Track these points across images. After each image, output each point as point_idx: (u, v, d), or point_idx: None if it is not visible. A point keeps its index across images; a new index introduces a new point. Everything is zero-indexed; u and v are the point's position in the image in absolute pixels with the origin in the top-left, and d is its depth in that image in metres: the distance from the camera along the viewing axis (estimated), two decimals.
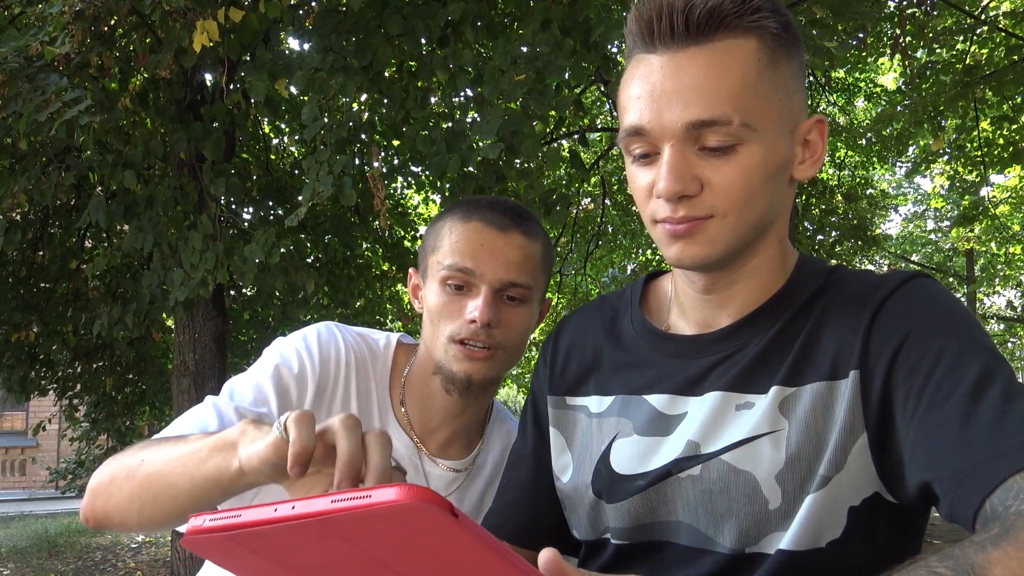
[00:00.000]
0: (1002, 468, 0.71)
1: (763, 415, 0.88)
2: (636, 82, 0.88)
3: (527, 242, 1.21)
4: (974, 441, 0.74)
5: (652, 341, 1.02)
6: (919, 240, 17.89)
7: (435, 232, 1.25)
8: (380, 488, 0.46)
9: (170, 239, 4.76)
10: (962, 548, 0.64)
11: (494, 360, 1.20)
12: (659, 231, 0.90)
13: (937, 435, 0.77)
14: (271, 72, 4.07)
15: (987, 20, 7.21)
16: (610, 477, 0.97)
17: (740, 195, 0.86)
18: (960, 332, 0.83)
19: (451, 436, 1.30)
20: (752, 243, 0.91)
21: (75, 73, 3.97)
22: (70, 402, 7.44)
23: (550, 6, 3.74)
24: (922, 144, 10.20)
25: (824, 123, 0.94)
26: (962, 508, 0.74)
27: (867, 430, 0.84)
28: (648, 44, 0.87)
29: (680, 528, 0.91)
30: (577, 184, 7.03)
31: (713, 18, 0.85)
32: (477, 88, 4.11)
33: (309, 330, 1.27)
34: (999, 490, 0.71)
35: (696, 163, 0.86)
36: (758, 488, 0.86)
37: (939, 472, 0.76)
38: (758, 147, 0.86)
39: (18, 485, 15.44)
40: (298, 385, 1.20)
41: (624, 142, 0.90)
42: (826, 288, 0.94)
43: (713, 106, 0.84)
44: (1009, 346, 18.20)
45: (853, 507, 0.85)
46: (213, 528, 0.50)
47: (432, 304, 1.21)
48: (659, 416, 0.96)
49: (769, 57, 0.87)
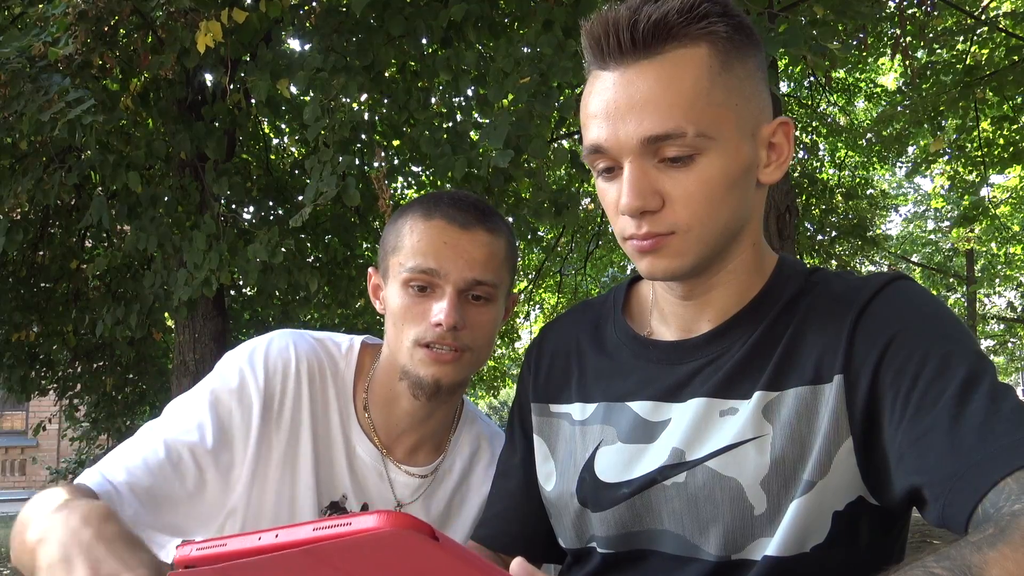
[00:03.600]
0: (994, 471, 0.71)
1: (747, 420, 0.88)
2: (593, 98, 0.88)
3: (491, 238, 1.16)
4: (963, 444, 0.75)
5: (634, 347, 1.01)
6: (919, 240, 17.88)
7: (395, 231, 1.19)
8: (361, 515, 0.47)
9: (174, 240, 4.77)
10: (958, 548, 0.65)
11: (461, 363, 1.15)
12: (629, 247, 0.90)
13: (926, 439, 0.77)
14: (273, 72, 4.07)
15: (987, 20, 7.22)
16: (595, 485, 0.96)
17: (701, 208, 0.86)
18: (945, 334, 0.84)
19: (418, 441, 1.26)
20: (724, 249, 0.91)
21: (77, 73, 3.97)
22: (70, 402, 7.45)
23: (552, 7, 3.74)
24: (922, 144, 10.21)
25: (789, 125, 0.93)
26: (954, 512, 0.74)
27: (852, 434, 0.84)
28: (600, 61, 0.88)
29: (665, 536, 0.91)
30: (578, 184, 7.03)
31: (660, 30, 0.84)
32: (479, 89, 4.12)
33: (259, 342, 1.22)
34: (991, 493, 0.71)
35: (657, 177, 0.86)
36: (743, 494, 0.86)
37: (929, 476, 0.76)
38: (717, 156, 0.85)
39: (18, 485, 15.44)
40: (241, 405, 1.16)
41: (588, 159, 0.91)
42: (807, 290, 0.94)
43: (666, 120, 0.83)
44: (1009, 346, 18.21)
45: (837, 511, 0.85)
46: (200, 558, 0.50)
47: (395, 307, 1.16)
48: (643, 423, 0.96)
49: (721, 62, 0.86)
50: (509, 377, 13.61)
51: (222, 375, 1.18)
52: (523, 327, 12.67)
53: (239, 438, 1.16)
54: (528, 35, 3.95)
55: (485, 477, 1.26)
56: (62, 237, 6.35)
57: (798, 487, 0.84)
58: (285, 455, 1.18)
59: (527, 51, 3.88)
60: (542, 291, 11.37)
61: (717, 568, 0.88)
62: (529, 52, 3.85)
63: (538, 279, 10.41)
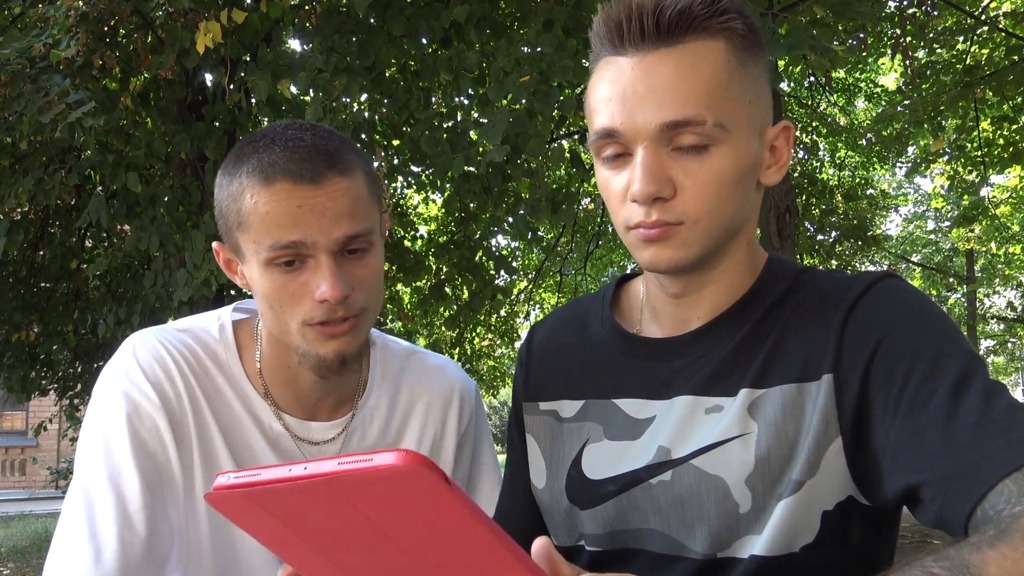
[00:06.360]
0: (992, 472, 0.71)
1: (732, 418, 0.88)
2: (605, 84, 0.88)
3: (349, 182, 0.99)
4: (958, 444, 0.74)
5: (621, 344, 1.01)
6: (919, 240, 17.89)
7: (233, 202, 1.01)
8: (382, 452, 0.51)
9: (175, 240, 4.77)
10: (957, 549, 0.65)
11: (360, 327, 1.03)
12: (632, 236, 0.89)
13: (920, 438, 0.77)
14: (274, 72, 4.07)
15: (987, 20, 7.22)
16: (582, 483, 0.96)
17: (711, 199, 0.86)
18: (935, 333, 0.83)
19: (335, 403, 1.15)
20: (723, 246, 0.91)
21: (77, 73, 3.98)
22: (70, 402, 7.45)
23: (552, 7, 3.75)
24: (922, 144, 10.21)
25: (791, 130, 0.94)
26: (952, 514, 0.73)
27: (842, 434, 0.83)
28: (617, 46, 0.87)
29: (652, 535, 0.91)
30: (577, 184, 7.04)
31: (683, 19, 0.85)
32: (479, 89, 4.12)
33: (125, 362, 1.06)
34: (990, 495, 0.71)
35: (669, 165, 0.85)
36: (728, 492, 0.86)
37: (925, 476, 0.76)
38: (730, 149, 0.86)
39: (18, 485, 15.44)
40: (152, 437, 1.04)
41: (595, 145, 0.90)
42: (795, 289, 0.93)
43: (687, 106, 0.83)
44: (1009, 346, 18.22)
45: (827, 511, 0.84)
46: (235, 485, 0.54)
47: (265, 289, 1.01)
48: (628, 420, 0.96)
49: (738, 59, 0.87)
50: (509, 377, 13.61)
51: (111, 423, 1.03)
52: (523, 327, 12.68)
53: (165, 466, 1.05)
54: (529, 34, 3.96)
55: (415, 398, 1.22)
56: (62, 237, 6.35)
57: (785, 486, 0.84)
58: (204, 462, 1.08)
59: (527, 51, 3.89)
60: (542, 291, 11.37)
61: (704, 566, 0.87)
62: (529, 51, 3.85)
63: (538, 279, 10.41)
